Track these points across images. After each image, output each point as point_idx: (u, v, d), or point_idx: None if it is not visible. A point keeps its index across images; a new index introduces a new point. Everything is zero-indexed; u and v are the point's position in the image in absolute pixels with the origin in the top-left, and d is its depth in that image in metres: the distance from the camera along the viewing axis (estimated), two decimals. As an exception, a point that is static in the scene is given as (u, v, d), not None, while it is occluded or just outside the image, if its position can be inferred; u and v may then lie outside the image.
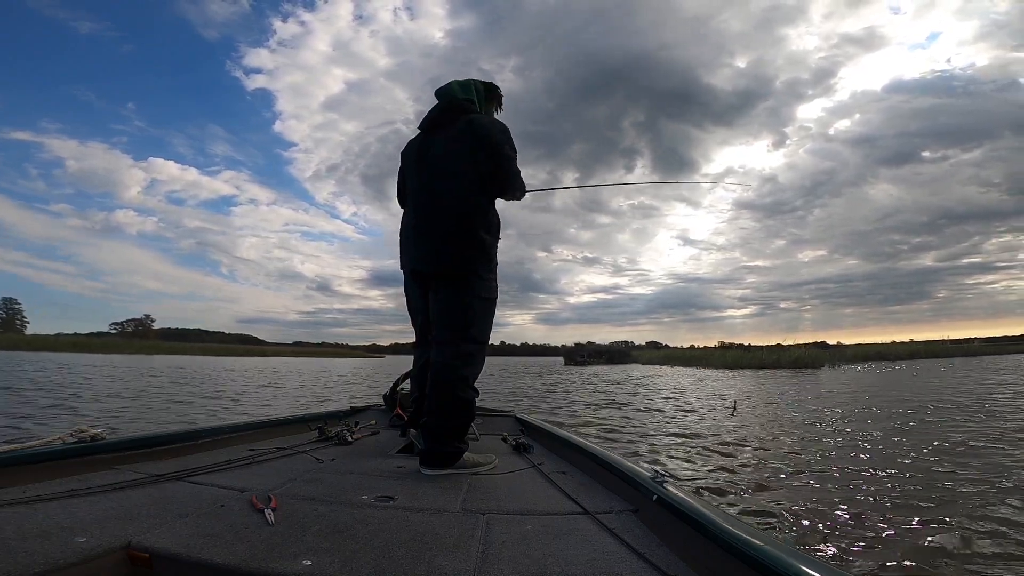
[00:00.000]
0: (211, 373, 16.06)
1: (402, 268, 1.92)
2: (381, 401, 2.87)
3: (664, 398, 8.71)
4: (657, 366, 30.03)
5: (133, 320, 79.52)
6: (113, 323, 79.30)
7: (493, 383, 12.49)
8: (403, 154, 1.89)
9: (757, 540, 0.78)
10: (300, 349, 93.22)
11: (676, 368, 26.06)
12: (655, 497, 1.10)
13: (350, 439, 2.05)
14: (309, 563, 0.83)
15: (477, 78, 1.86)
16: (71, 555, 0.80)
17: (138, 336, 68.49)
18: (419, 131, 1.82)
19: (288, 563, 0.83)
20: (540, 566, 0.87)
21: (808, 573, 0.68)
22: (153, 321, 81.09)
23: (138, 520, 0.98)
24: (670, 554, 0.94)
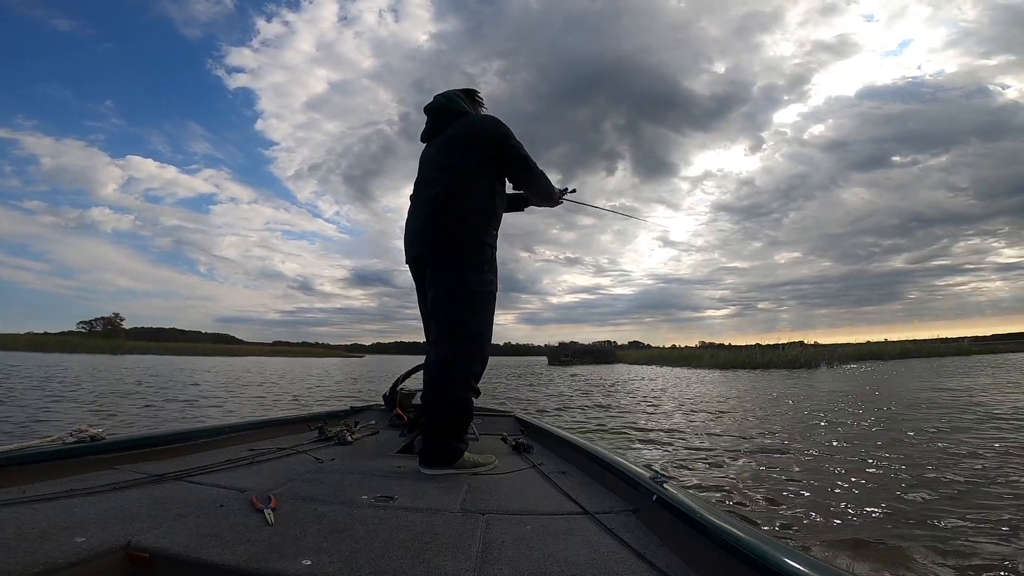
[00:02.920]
0: (161, 375, 13.89)
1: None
2: (380, 401, 2.88)
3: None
4: (645, 366, 29.38)
5: (102, 319, 76.86)
6: (81, 322, 76.60)
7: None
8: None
9: (757, 540, 0.78)
10: (277, 348, 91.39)
11: (665, 368, 25.26)
12: (655, 497, 1.10)
13: (350, 439, 2.05)
14: (309, 563, 0.83)
15: (458, 85, 1.93)
16: (71, 555, 0.80)
17: (107, 335, 66.26)
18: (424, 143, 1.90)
19: (288, 563, 0.83)
20: (540, 566, 0.87)
21: (808, 573, 0.68)
22: (123, 320, 78.66)
23: (138, 520, 0.98)
24: (670, 554, 0.94)
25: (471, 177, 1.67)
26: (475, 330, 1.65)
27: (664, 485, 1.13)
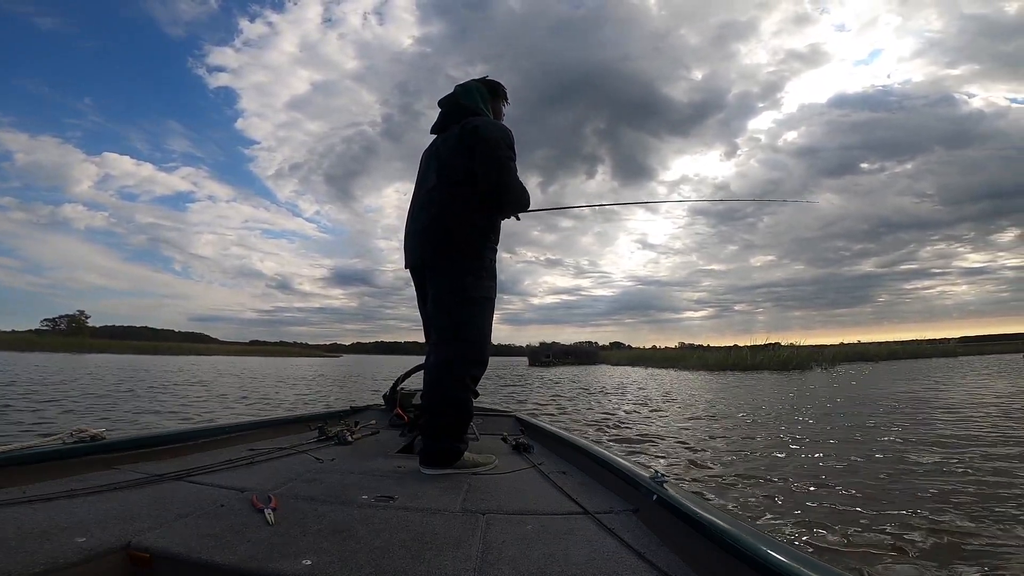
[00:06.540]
0: (90, 379, 10.83)
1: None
2: (380, 401, 2.88)
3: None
4: (630, 367, 28.27)
5: (66, 316, 74.01)
6: (45, 319, 74.15)
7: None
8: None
9: (757, 540, 0.78)
10: (251, 348, 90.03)
11: (652, 370, 24.12)
12: (655, 497, 1.10)
13: (350, 439, 2.06)
14: (309, 563, 0.83)
15: (445, 89, 1.84)
16: (71, 555, 0.80)
17: (68, 334, 64.09)
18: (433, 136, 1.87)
19: (288, 563, 0.83)
20: (540, 566, 0.87)
21: (807, 573, 0.68)
22: (88, 317, 75.55)
23: (138, 520, 0.98)
24: (670, 554, 0.94)
25: (467, 185, 1.65)
26: (476, 333, 1.67)
27: (664, 485, 1.13)
